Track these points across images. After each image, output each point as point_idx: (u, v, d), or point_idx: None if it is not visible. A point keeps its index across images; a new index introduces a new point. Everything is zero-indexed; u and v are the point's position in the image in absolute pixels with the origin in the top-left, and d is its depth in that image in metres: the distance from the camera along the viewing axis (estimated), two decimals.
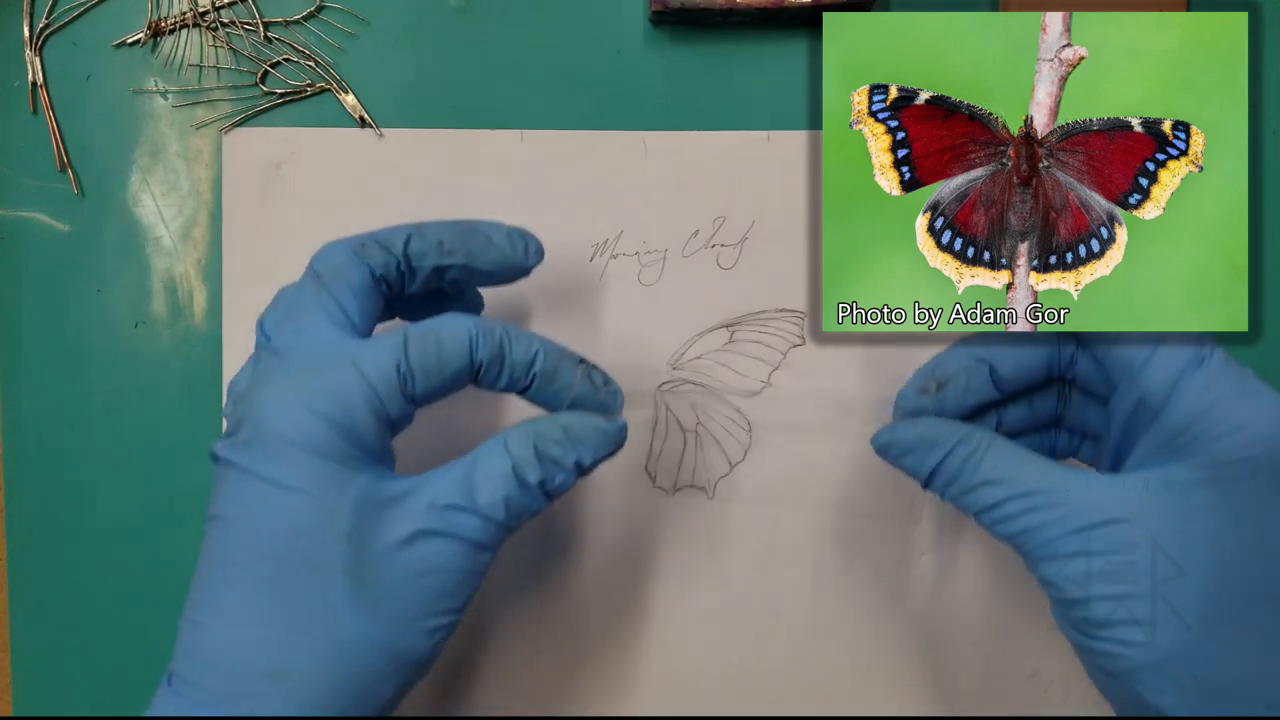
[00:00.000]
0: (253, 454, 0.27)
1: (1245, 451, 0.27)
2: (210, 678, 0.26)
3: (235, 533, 0.27)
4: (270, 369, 0.28)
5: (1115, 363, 0.30)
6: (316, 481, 0.27)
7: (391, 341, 0.28)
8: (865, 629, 0.37)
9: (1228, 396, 0.27)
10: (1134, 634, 0.27)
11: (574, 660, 0.37)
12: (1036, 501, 0.28)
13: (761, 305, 0.37)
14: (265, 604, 0.26)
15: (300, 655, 0.26)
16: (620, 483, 0.37)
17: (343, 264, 0.30)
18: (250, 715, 0.26)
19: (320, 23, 0.38)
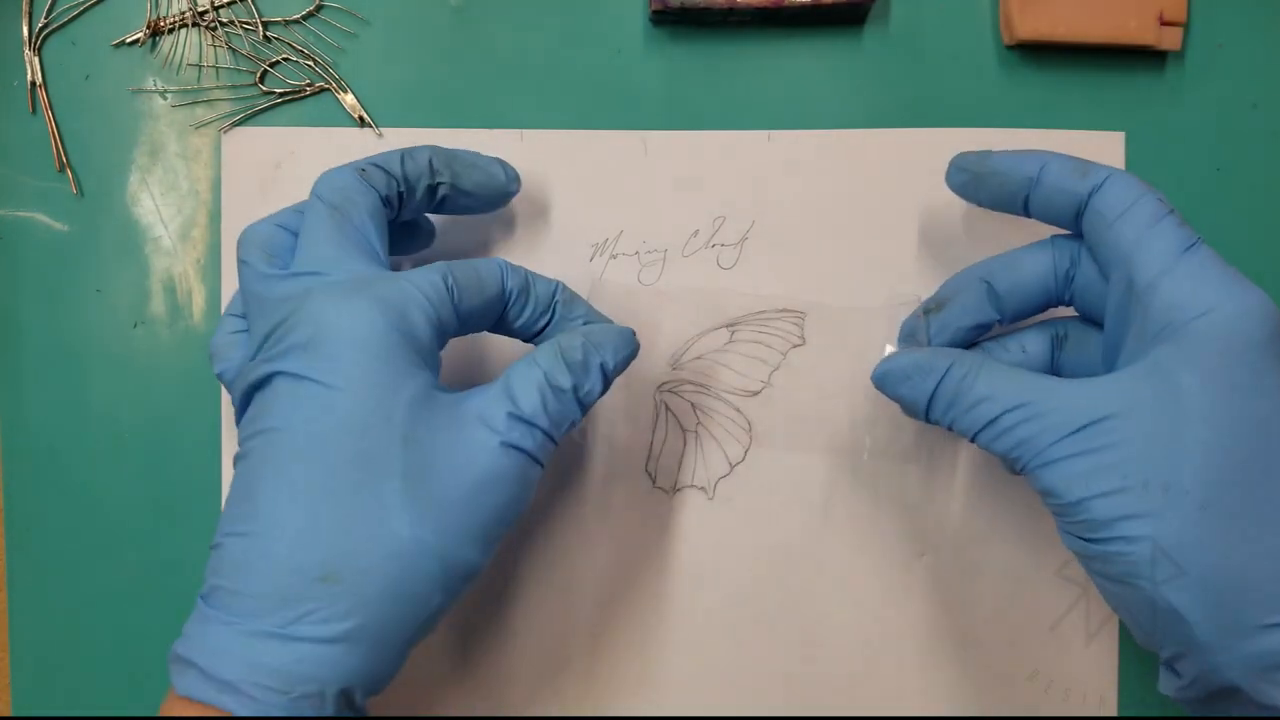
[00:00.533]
0: (307, 359, 0.27)
1: (1232, 327, 0.27)
2: (259, 584, 0.26)
3: (286, 441, 0.27)
4: (307, 289, 0.28)
5: (1110, 250, 0.30)
6: (374, 382, 0.27)
7: (433, 266, 0.30)
8: (865, 629, 0.37)
9: (1212, 281, 0.28)
10: (1135, 528, 0.27)
11: (573, 660, 0.37)
12: (1030, 411, 0.28)
13: (761, 305, 0.37)
14: (319, 507, 0.26)
15: (353, 558, 0.26)
16: (620, 483, 0.37)
17: (353, 191, 0.31)
18: (300, 624, 0.26)
19: (319, 22, 0.38)
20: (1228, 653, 0.26)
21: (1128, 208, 0.29)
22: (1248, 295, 0.28)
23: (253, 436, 0.28)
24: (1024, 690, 0.36)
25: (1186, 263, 0.28)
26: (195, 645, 0.26)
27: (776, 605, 0.37)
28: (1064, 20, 0.36)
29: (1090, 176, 0.30)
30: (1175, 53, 0.37)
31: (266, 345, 0.28)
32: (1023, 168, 0.31)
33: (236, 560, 0.27)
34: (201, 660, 0.26)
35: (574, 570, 0.37)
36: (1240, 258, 0.37)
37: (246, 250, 0.31)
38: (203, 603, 0.27)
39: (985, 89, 0.38)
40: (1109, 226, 0.30)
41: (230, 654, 0.26)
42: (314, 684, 0.26)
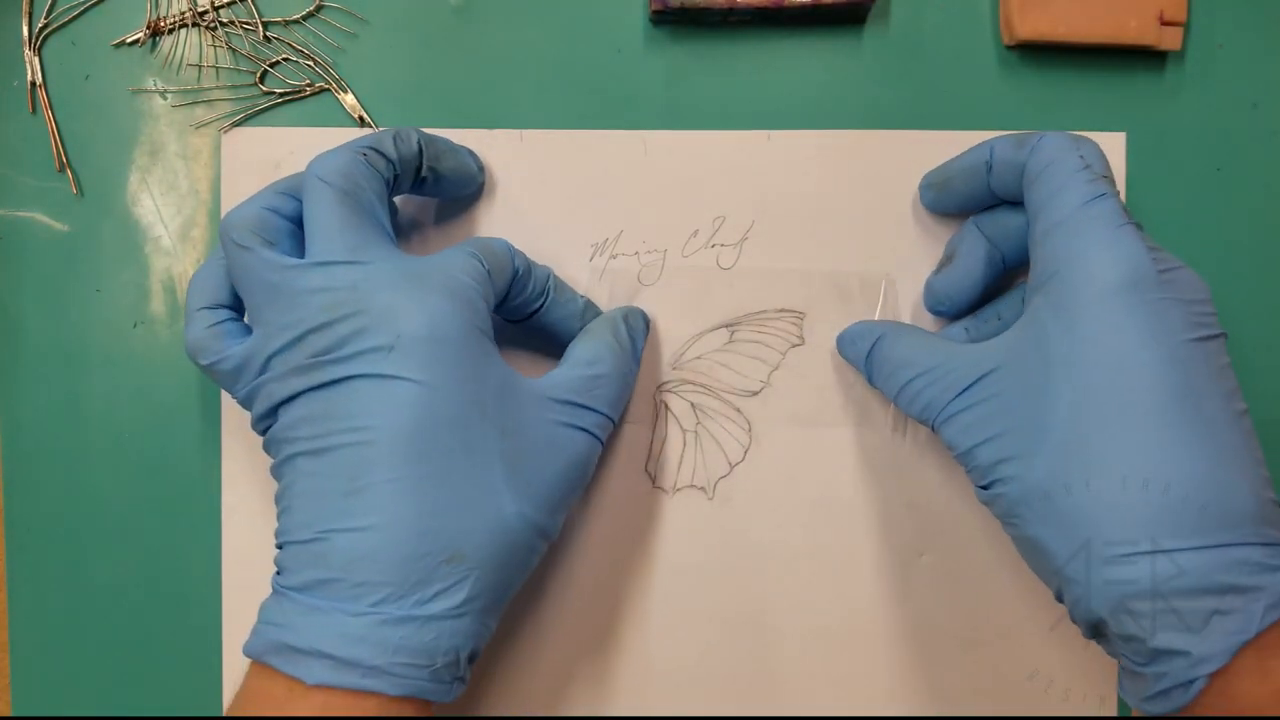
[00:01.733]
0: (397, 361, 0.28)
1: (1091, 274, 0.28)
2: (387, 573, 0.27)
3: (388, 439, 0.28)
4: (354, 282, 0.29)
5: (1030, 208, 0.31)
6: (465, 376, 0.29)
7: (453, 249, 0.31)
8: (865, 629, 0.37)
9: (1091, 232, 0.29)
10: (1009, 469, 0.29)
11: (573, 660, 0.37)
12: (934, 375, 0.31)
13: (761, 305, 0.37)
14: (436, 496, 0.28)
15: (472, 537, 0.28)
16: (620, 483, 0.37)
17: (359, 175, 0.31)
18: (433, 603, 0.28)
19: (319, 22, 0.38)
20: (1086, 584, 0.28)
21: (1045, 166, 0.31)
22: (1115, 245, 0.29)
23: (332, 436, 0.28)
24: (1024, 690, 0.36)
25: (1078, 216, 0.29)
26: (315, 636, 0.27)
27: (776, 605, 0.37)
28: (1064, 20, 0.36)
29: (1026, 144, 0.32)
30: (1175, 53, 0.37)
31: (325, 344, 0.29)
32: (976, 158, 0.34)
33: (355, 553, 0.28)
34: (332, 649, 0.27)
35: (574, 570, 0.37)
36: (1240, 258, 0.37)
37: (241, 234, 0.31)
38: (304, 595, 0.28)
39: (985, 89, 0.38)
40: (1030, 186, 0.31)
41: (367, 640, 0.27)
42: (451, 653, 0.28)
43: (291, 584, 0.28)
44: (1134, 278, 0.28)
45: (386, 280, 0.29)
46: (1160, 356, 0.28)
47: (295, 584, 0.28)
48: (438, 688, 0.28)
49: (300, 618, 0.28)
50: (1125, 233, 0.29)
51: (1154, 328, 0.28)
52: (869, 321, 0.36)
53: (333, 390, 0.29)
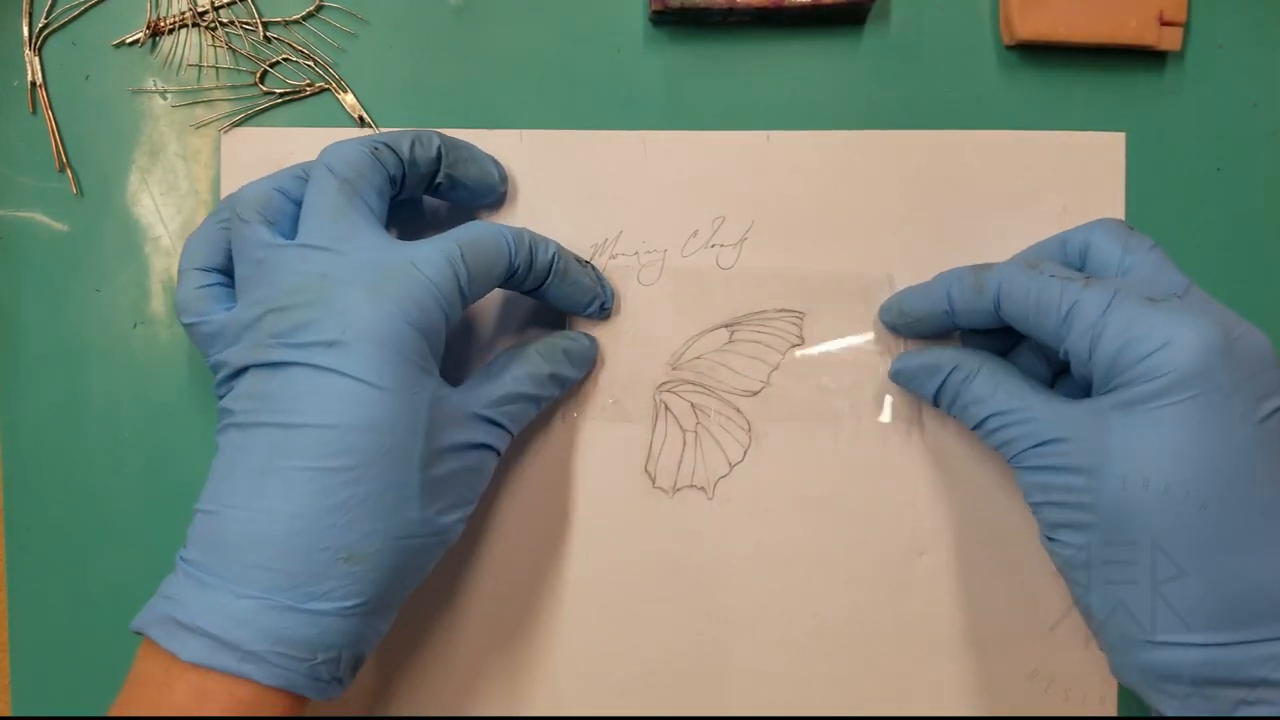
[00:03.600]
0: (339, 356, 0.28)
1: (1150, 379, 0.28)
2: (283, 561, 0.28)
3: (314, 432, 0.28)
4: (323, 272, 0.29)
5: (1040, 333, 0.31)
6: (404, 382, 0.29)
7: (439, 244, 0.31)
8: (865, 629, 0.37)
9: (1136, 334, 0.29)
10: (1069, 536, 0.31)
11: (572, 659, 0.37)
12: (1009, 419, 0.32)
13: (761, 305, 0.37)
14: (348, 494, 0.28)
15: (374, 540, 0.28)
16: (620, 483, 0.37)
17: (365, 168, 0.31)
18: (323, 600, 0.28)
19: (319, 22, 0.38)
20: (1124, 655, 0.30)
21: (1028, 313, 0.31)
22: (1180, 333, 0.28)
23: (262, 414, 0.29)
24: (1024, 690, 0.36)
25: (1113, 320, 0.29)
26: (199, 612, 0.27)
27: (776, 605, 0.37)
28: (1064, 20, 0.36)
29: (986, 290, 0.32)
30: (1175, 53, 0.37)
31: (280, 327, 0.29)
32: (934, 305, 0.34)
33: (253, 534, 0.28)
34: (214, 628, 0.27)
35: (573, 570, 0.37)
36: (1240, 257, 0.37)
37: (245, 209, 0.31)
38: (196, 569, 0.28)
39: (985, 89, 0.38)
40: (1029, 330, 0.32)
41: (250, 625, 0.27)
42: (333, 650, 0.28)
43: (189, 556, 0.29)
44: (1196, 370, 0.28)
45: (353, 274, 0.29)
46: (1215, 450, 0.28)
47: (192, 556, 0.29)
48: (313, 684, 0.28)
49: (190, 592, 0.28)
50: (1174, 324, 0.29)
51: (1214, 421, 0.28)
52: (927, 355, 0.35)
53: (276, 371, 0.29)
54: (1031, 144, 0.37)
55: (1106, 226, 0.32)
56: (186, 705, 0.27)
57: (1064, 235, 0.34)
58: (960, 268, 0.34)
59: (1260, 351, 0.29)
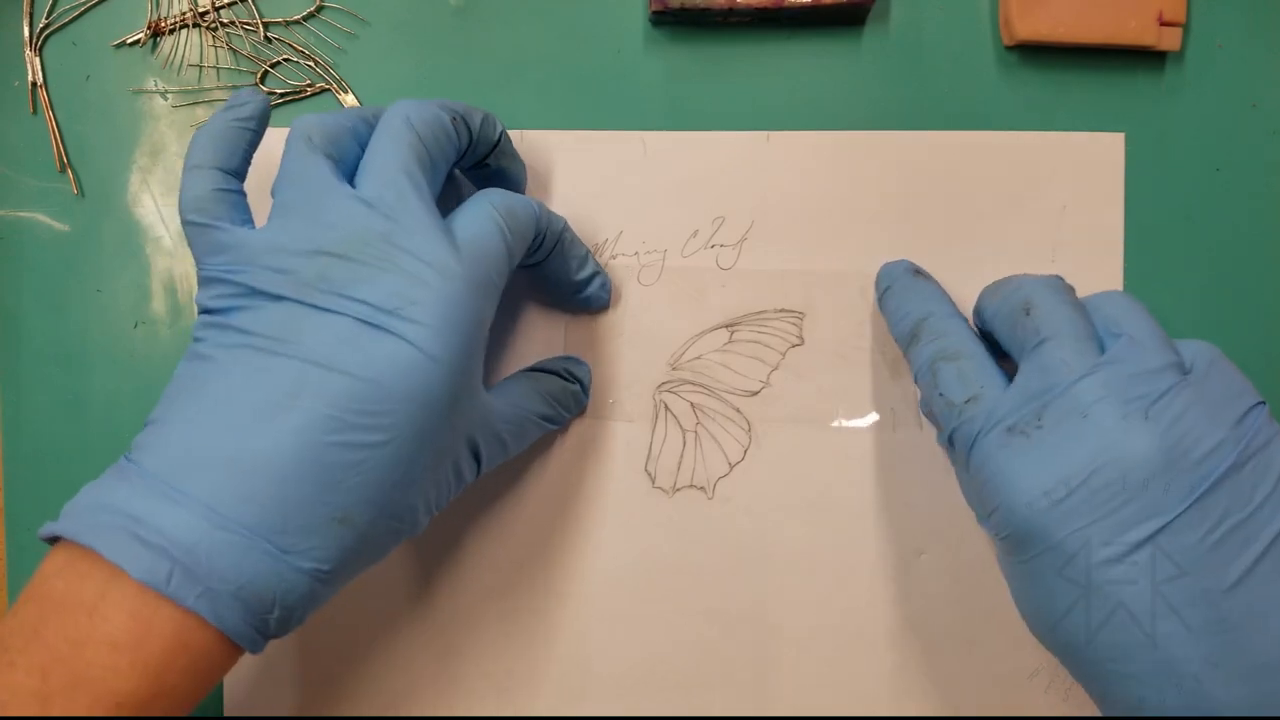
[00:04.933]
0: (404, 323, 0.27)
1: (1005, 529, 0.28)
2: (279, 503, 0.26)
3: (352, 380, 0.26)
4: (384, 234, 0.28)
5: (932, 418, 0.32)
6: (456, 365, 0.28)
7: (487, 215, 0.30)
8: (865, 629, 0.37)
9: (982, 487, 0.28)
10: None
11: (571, 659, 0.37)
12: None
13: (761, 305, 0.37)
14: (364, 454, 0.26)
15: (370, 510, 0.27)
16: (620, 483, 0.37)
17: (443, 135, 0.30)
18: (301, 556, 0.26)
19: (320, 23, 0.38)
20: None
21: None
22: (1015, 486, 0.27)
23: (294, 348, 0.27)
24: (1024, 690, 0.36)
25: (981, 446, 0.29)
26: (169, 530, 0.25)
27: (776, 605, 0.37)
28: (1064, 21, 0.36)
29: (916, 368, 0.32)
30: (1175, 53, 0.37)
31: (338, 275, 0.27)
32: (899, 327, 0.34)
33: (254, 463, 0.26)
34: (181, 553, 0.25)
35: (573, 570, 0.37)
36: (1240, 258, 0.37)
37: (318, 135, 0.29)
38: (170, 484, 0.25)
39: (985, 90, 0.38)
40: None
41: (222, 558, 0.25)
42: (287, 610, 0.26)
43: (155, 467, 0.26)
44: (1027, 534, 0.27)
45: (418, 244, 0.28)
46: (1070, 602, 0.27)
47: (160, 468, 0.26)
48: (253, 639, 0.26)
49: (152, 505, 0.25)
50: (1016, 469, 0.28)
51: (1063, 573, 0.27)
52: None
53: (323, 316, 0.27)
54: (1031, 144, 0.37)
55: (1005, 313, 0.30)
56: (122, 638, 0.24)
57: (983, 300, 0.32)
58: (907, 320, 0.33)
59: (1129, 472, 0.26)
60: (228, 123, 0.30)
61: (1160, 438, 0.26)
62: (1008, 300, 0.30)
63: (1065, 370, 0.28)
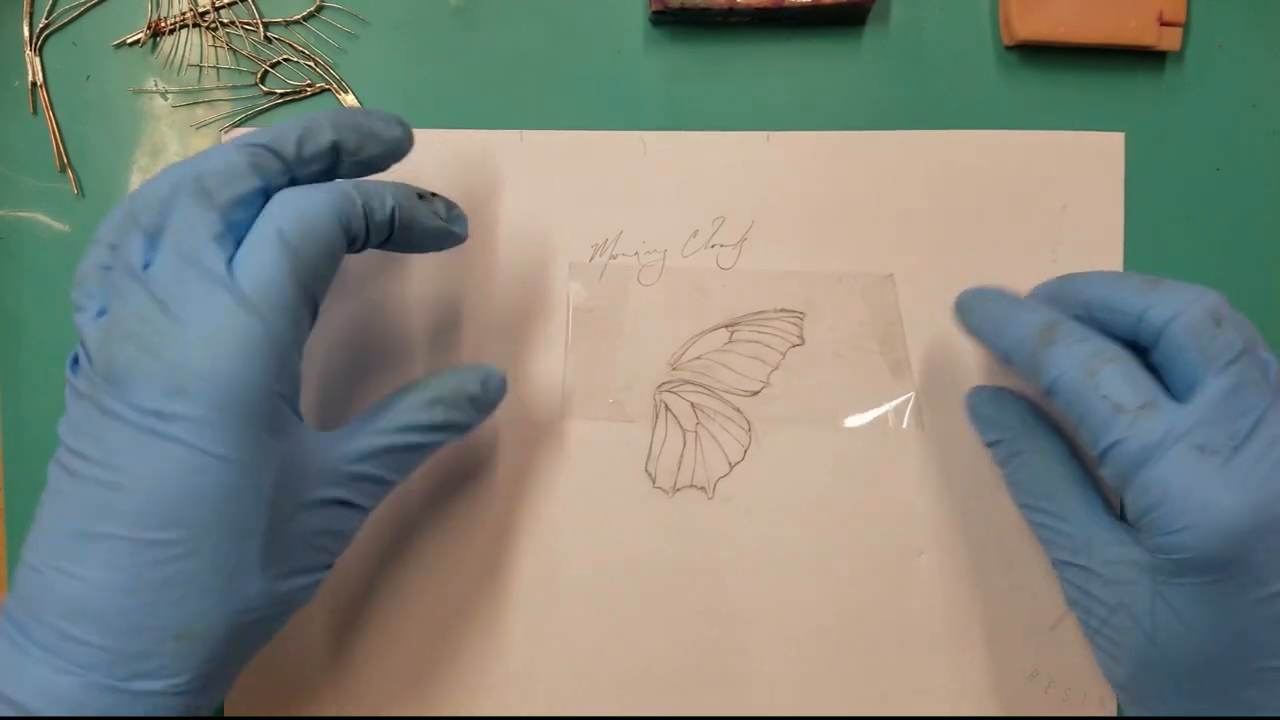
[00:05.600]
0: (175, 421, 0.25)
1: (1190, 555, 0.27)
2: (106, 638, 0.25)
3: (138, 493, 0.25)
4: (165, 302, 0.26)
5: (1081, 438, 0.29)
6: (249, 446, 0.26)
7: (266, 251, 0.26)
8: (865, 628, 0.37)
9: (1175, 497, 0.27)
10: (1101, 658, 0.31)
11: (571, 659, 0.37)
12: (1042, 519, 0.32)
13: (761, 305, 0.37)
14: (177, 568, 0.25)
15: (209, 616, 0.26)
16: (620, 483, 0.37)
17: (236, 174, 0.27)
18: (147, 680, 0.26)
19: (320, 23, 0.38)
20: None
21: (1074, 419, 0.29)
22: (1210, 513, 0.26)
23: (89, 466, 0.26)
24: (1024, 690, 0.36)
25: (1160, 466, 0.27)
26: (15, 683, 0.25)
27: (775, 605, 0.37)
28: (1064, 21, 0.36)
29: (1041, 373, 0.29)
30: (1175, 53, 0.37)
31: (118, 369, 0.26)
32: (991, 341, 0.32)
33: (76, 604, 0.25)
34: (28, 701, 0.25)
35: (573, 569, 0.37)
36: (1240, 258, 0.37)
37: (139, 213, 0.27)
38: (17, 632, 0.26)
39: (985, 90, 0.38)
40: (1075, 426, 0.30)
41: (67, 702, 0.25)
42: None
43: (10, 609, 0.26)
44: (1222, 556, 0.26)
45: (183, 318, 0.26)
46: (1238, 633, 0.27)
47: (13, 611, 0.26)
48: None
49: (6, 655, 0.26)
50: (1224, 494, 0.26)
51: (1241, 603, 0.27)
52: (1001, 404, 0.34)
53: (108, 422, 0.26)
54: (1031, 144, 0.37)
55: (1191, 317, 0.28)
56: None
57: (1147, 304, 0.29)
58: (1030, 322, 0.30)
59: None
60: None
61: None
62: (1191, 305, 0.28)
63: (1258, 393, 0.27)
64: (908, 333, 0.37)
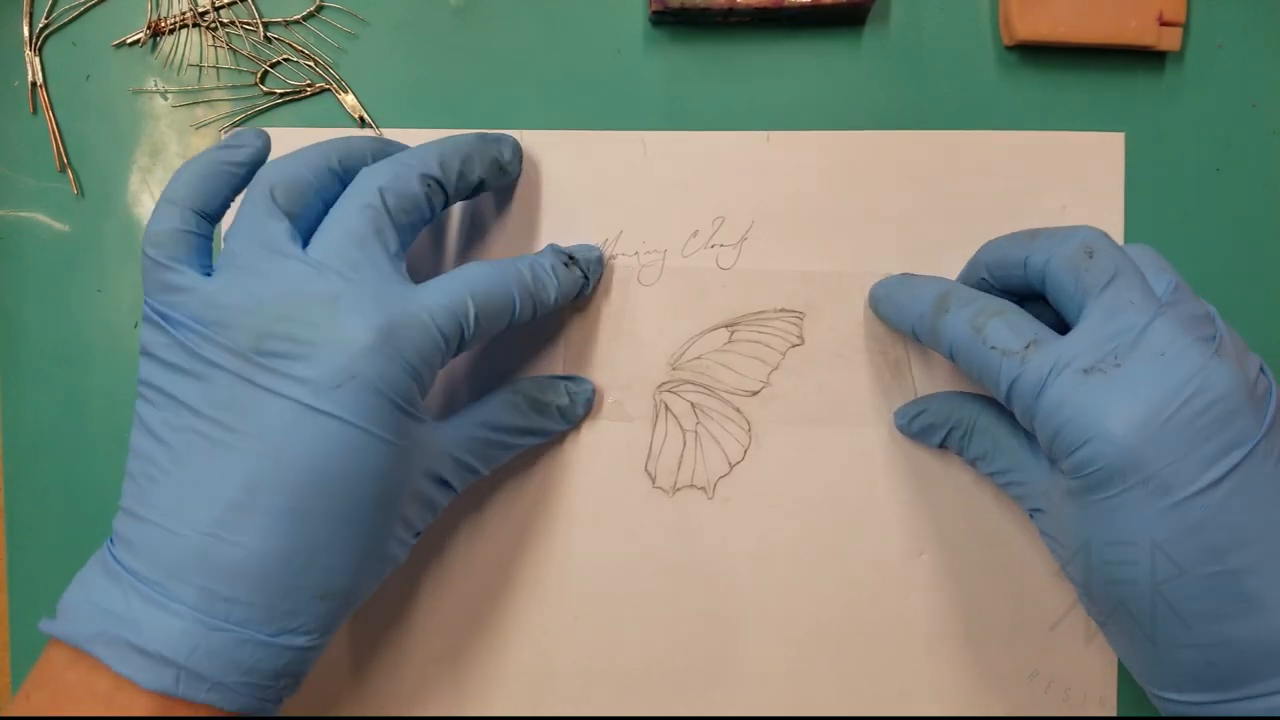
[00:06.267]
0: (343, 400, 0.27)
1: (1092, 471, 0.28)
2: (259, 596, 0.27)
3: (301, 470, 0.27)
4: (329, 300, 0.28)
5: (988, 386, 0.30)
6: (399, 431, 0.29)
7: (453, 294, 0.30)
8: (864, 629, 0.37)
9: (1065, 424, 0.28)
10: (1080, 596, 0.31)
11: (572, 659, 0.37)
12: (1008, 478, 0.33)
13: (761, 305, 0.37)
14: (329, 537, 0.28)
15: (348, 576, 0.29)
16: (620, 483, 0.37)
17: (411, 205, 0.31)
18: (294, 635, 0.28)
19: (320, 23, 0.38)
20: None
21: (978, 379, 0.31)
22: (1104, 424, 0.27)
23: (241, 438, 0.27)
24: (1024, 690, 0.36)
25: (1056, 388, 0.28)
26: (164, 640, 0.26)
27: (775, 605, 0.37)
28: (1064, 21, 0.36)
29: (940, 342, 0.32)
30: (1175, 53, 0.37)
31: (278, 348, 0.27)
32: (900, 323, 0.34)
33: (231, 566, 0.27)
34: (183, 659, 0.26)
35: (573, 569, 0.37)
36: (1240, 258, 0.37)
37: (281, 193, 0.29)
38: (153, 590, 0.27)
39: (985, 90, 0.38)
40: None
41: (221, 656, 0.27)
42: (295, 677, 0.29)
43: (142, 570, 0.27)
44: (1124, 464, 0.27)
45: (358, 311, 0.28)
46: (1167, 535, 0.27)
47: (147, 572, 0.27)
48: (271, 706, 0.28)
49: (146, 612, 0.26)
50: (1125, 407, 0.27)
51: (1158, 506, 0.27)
52: (932, 408, 0.36)
53: (263, 397, 0.27)
54: (1031, 144, 0.37)
55: (1066, 254, 0.30)
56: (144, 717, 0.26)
57: (1027, 252, 0.31)
58: (924, 298, 0.32)
59: (1216, 404, 0.27)
60: (217, 163, 0.30)
61: (1237, 373, 0.27)
62: (1064, 244, 0.30)
63: (1135, 311, 0.28)
64: None
